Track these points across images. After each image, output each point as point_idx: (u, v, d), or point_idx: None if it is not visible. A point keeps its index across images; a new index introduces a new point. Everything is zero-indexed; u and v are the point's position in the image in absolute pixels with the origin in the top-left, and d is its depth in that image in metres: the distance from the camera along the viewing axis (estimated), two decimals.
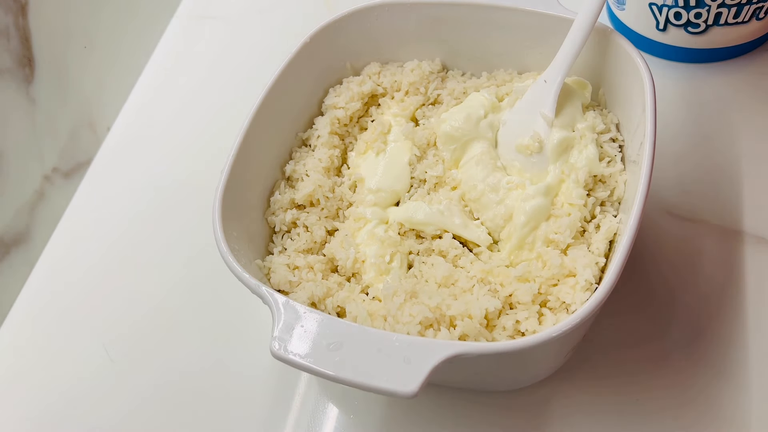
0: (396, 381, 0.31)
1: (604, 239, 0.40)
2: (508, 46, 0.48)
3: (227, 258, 0.37)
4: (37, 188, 0.55)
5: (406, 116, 0.48)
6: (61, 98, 0.57)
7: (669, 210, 0.49)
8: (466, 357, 0.32)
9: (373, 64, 0.50)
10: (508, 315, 0.38)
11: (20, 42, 0.52)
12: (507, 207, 0.42)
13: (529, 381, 0.43)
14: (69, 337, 0.50)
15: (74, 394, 0.47)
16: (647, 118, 0.39)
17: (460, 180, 0.45)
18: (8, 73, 0.51)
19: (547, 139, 0.43)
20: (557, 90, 0.43)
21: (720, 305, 0.45)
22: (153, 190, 0.57)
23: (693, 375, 0.42)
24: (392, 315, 0.38)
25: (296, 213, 0.44)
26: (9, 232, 0.52)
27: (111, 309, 0.51)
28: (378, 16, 0.48)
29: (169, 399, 0.46)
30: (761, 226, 0.48)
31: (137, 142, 0.61)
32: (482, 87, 0.48)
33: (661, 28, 0.54)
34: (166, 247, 0.53)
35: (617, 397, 0.42)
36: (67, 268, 0.54)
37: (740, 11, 0.51)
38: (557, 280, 0.39)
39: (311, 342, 0.33)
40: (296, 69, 0.46)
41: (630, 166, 0.42)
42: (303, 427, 0.44)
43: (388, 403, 0.44)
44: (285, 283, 0.41)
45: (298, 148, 0.47)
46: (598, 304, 0.34)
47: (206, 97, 0.63)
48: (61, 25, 0.56)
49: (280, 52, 0.46)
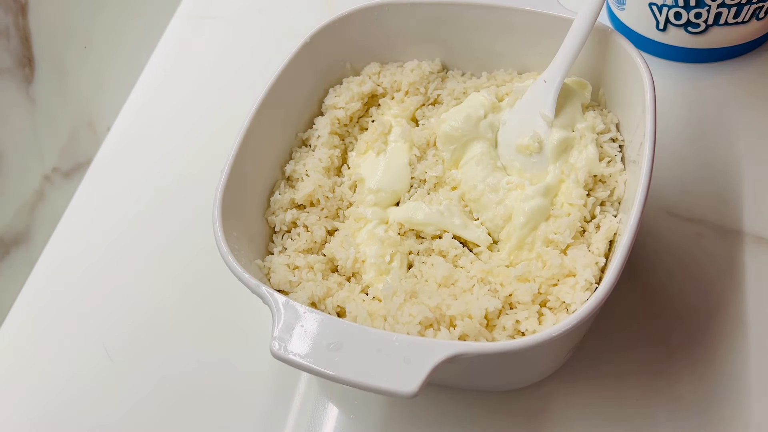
0: (396, 381, 0.31)
1: (604, 239, 0.40)
2: (508, 46, 0.48)
3: (227, 258, 0.37)
4: (37, 188, 0.55)
5: (406, 116, 0.48)
6: (61, 98, 0.57)
7: (669, 210, 0.49)
8: (466, 357, 0.32)
9: (373, 64, 0.50)
10: (508, 315, 0.38)
11: (20, 42, 0.52)
12: (507, 207, 0.42)
13: (529, 381, 0.43)
14: (69, 337, 0.50)
15: (74, 393, 0.47)
16: (647, 118, 0.39)
17: (460, 180, 0.45)
18: (8, 73, 0.51)
19: (546, 139, 0.43)
20: (557, 90, 0.43)
21: (720, 305, 0.45)
22: (153, 190, 0.57)
23: (693, 375, 0.42)
24: (392, 315, 0.38)
25: (296, 213, 0.44)
26: (9, 232, 0.52)
27: (111, 309, 0.51)
28: (378, 16, 0.48)
29: (168, 399, 0.46)
30: (761, 226, 0.48)
31: (137, 142, 0.61)
32: (482, 87, 0.48)
33: (661, 28, 0.54)
34: (166, 247, 0.53)
35: (617, 397, 0.42)
36: (67, 268, 0.54)
37: (740, 11, 0.51)
38: (557, 280, 0.39)
39: (311, 342, 0.33)
40: (296, 69, 0.46)
41: (630, 166, 0.42)
42: (303, 427, 0.44)
43: (388, 403, 0.44)
44: (285, 283, 0.41)
45: (298, 148, 0.47)
46: (598, 304, 0.34)
47: (206, 97, 0.63)
48: (61, 25, 0.56)
49: (280, 52, 0.46)
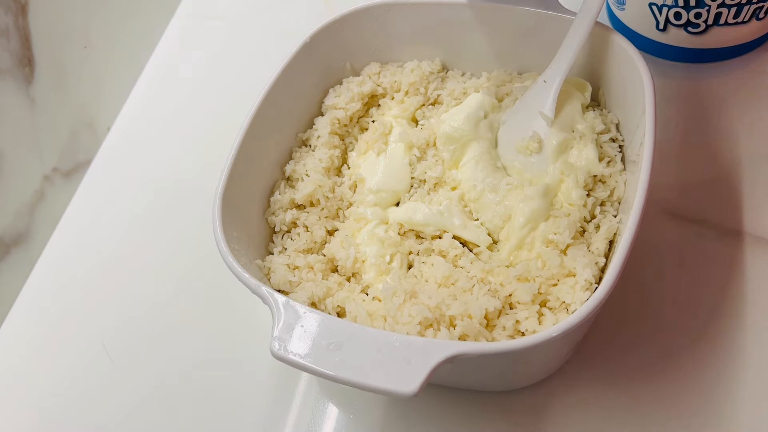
0: (396, 381, 0.31)
1: (604, 239, 0.40)
2: (508, 46, 0.48)
3: (227, 258, 0.37)
4: (37, 188, 0.55)
5: (406, 117, 0.48)
6: (61, 98, 0.57)
7: (669, 210, 0.49)
8: (466, 357, 0.32)
9: (373, 65, 0.50)
10: (507, 315, 0.38)
11: (20, 42, 0.52)
12: (506, 207, 0.42)
13: (529, 381, 0.43)
14: (69, 337, 0.50)
15: (74, 393, 0.47)
16: (647, 118, 0.39)
17: (460, 180, 0.45)
18: (8, 73, 0.51)
19: (546, 140, 0.43)
20: (557, 90, 0.43)
21: (720, 305, 0.45)
22: (153, 190, 0.57)
23: (693, 375, 0.42)
24: (392, 315, 0.38)
25: (296, 213, 0.44)
26: (9, 232, 0.52)
27: (111, 309, 0.51)
28: (378, 16, 0.48)
29: (168, 399, 0.46)
30: (761, 226, 0.48)
31: (137, 142, 0.61)
32: (482, 87, 0.48)
33: (661, 28, 0.54)
34: (165, 247, 0.53)
35: (617, 397, 0.42)
36: (67, 268, 0.54)
37: (740, 11, 0.51)
38: (557, 279, 0.39)
39: (311, 342, 0.33)
40: (296, 69, 0.46)
41: (630, 166, 0.42)
42: (303, 427, 0.44)
43: (388, 403, 0.44)
44: (285, 283, 0.41)
45: (298, 148, 0.47)
46: (598, 303, 0.34)
47: (206, 97, 0.63)
48: (61, 25, 0.56)
49: (280, 52, 0.46)
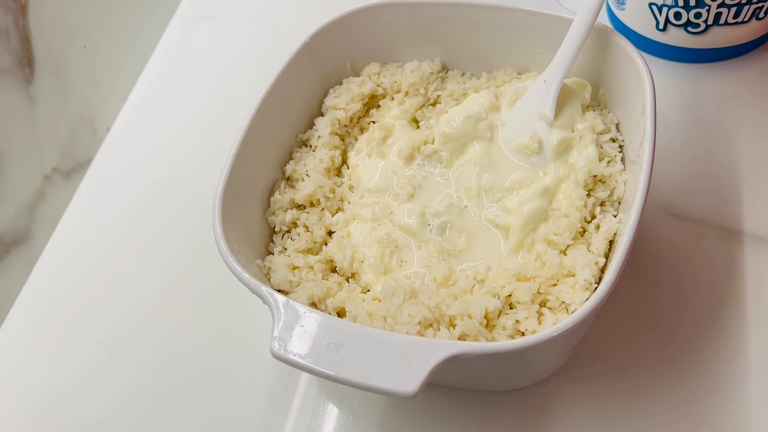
0: (396, 381, 0.31)
1: (604, 239, 0.40)
2: (508, 46, 0.48)
3: (227, 258, 0.37)
4: (37, 188, 0.55)
5: (406, 118, 0.48)
6: (61, 98, 0.57)
7: (669, 210, 0.49)
8: (466, 357, 0.32)
9: (373, 65, 0.50)
10: (507, 315, 0.38)
11: (20, 42, 0.52)
12: (506, 208, 0.42)
13: (529, 381, 0.43)
14: (69, 337, 0.50)
15: (74, 393, 0.47)
16: (647, 118, 0.39)
17: (459, 180, 0.45)
18: (8, 73, 0.51)
19: (546, 140, 0.43)
20: (557, 90, 0.43)
21: (720, 305, 0.45)
22: (153, 190, 0.57)
23: (693, 375, 0.42)
24: (392, 315, 0.38)
25: (296, 213, 0.44)
26: (9, 232, 0.52)
27: (111, 309, 0.51)
28: (378, 16, 0.48)
29: (168, 399, 0.46)
30: (761, 226, 0.48)
31: (137, 142, 0.61)
32: (482, 87, 0.48)
33: (661, 28, 0.54)
34: (165, 246, 0.53)
35: (617, 397, 0.42)
36: (67, 268, 0.54)
37: (740, 11, 0.51)
38: (557, 279, 0.39)
39: (311, 342, 0.33)
40: (296, 69, 0.46)
41: (630, 166, 0.42)
42: (303, 427, 0.44)
43: (388, 403, 0.44)
44: (285, 283, 0.41)
45: (298, 149, 0.47)
46: (598, 303, 0.34)
47: (206, 97, 0.63)
48: (61, 25, 0.56)
49: (280, 52, 0.46)
